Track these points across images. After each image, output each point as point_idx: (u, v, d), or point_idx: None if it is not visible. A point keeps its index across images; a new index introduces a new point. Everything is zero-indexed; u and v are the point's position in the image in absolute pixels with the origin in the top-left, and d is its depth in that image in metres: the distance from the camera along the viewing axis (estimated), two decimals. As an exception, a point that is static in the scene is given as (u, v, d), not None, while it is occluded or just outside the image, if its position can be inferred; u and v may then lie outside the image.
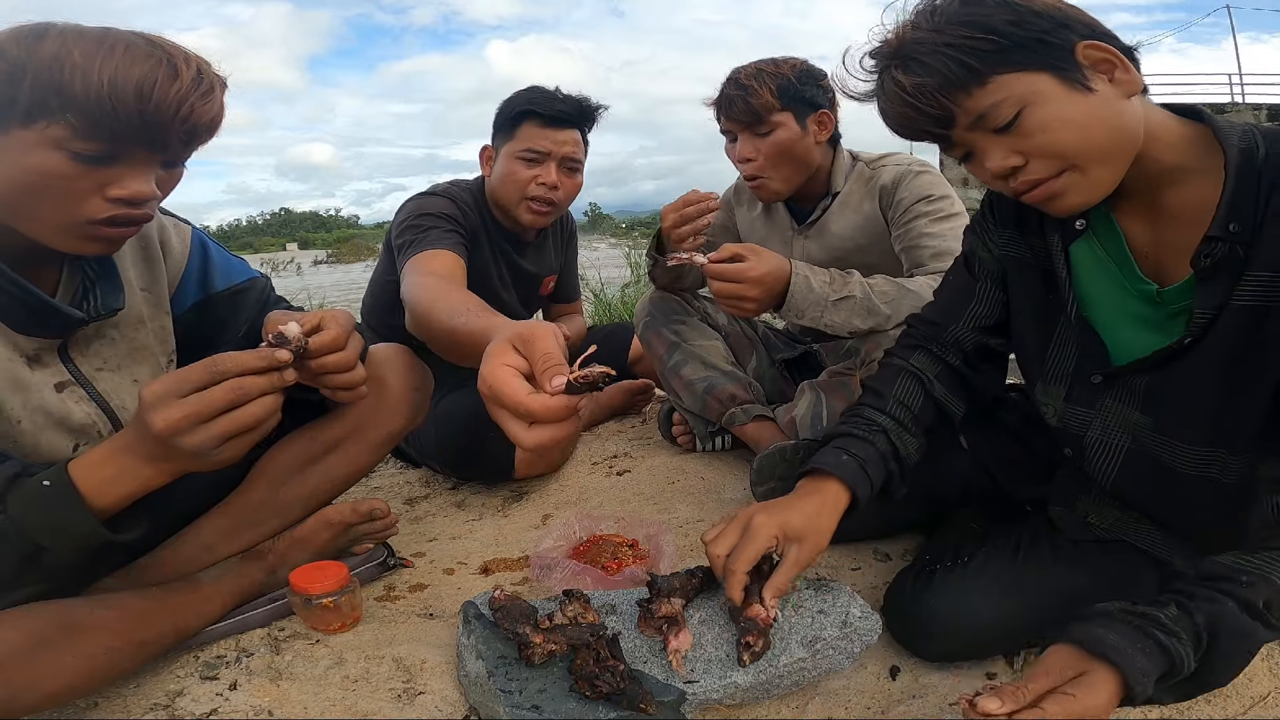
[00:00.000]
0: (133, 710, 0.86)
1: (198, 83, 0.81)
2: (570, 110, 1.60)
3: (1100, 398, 0.89)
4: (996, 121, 0.78)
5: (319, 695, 0.89)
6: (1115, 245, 0.87)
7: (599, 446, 1.82)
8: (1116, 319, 0.88)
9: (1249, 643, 0.72)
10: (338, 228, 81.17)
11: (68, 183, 0.78)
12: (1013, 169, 0.80)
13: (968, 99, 0.78)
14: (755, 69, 1.44)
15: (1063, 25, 0.77)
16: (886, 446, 0.98)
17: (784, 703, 0.89)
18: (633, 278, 4.89)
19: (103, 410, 0.92)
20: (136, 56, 0.77)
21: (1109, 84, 0.77)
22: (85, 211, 0.80)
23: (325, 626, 1.01)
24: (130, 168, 0.81)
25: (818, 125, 1.47)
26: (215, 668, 0.93)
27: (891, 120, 0.85)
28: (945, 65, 0.77)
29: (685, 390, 1.57)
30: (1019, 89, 0.77)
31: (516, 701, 0.81)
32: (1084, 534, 0.96)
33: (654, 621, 0.91)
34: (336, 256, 20.04)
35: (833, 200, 1.54)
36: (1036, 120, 0.77)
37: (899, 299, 1.32)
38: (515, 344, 0.70)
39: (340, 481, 1.10)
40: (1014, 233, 0.97)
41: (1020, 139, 0.79)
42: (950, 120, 0.81)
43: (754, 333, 1.73)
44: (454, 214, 1.57)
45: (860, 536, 1.25)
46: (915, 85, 0.79)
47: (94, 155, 0.78)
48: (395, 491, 1.65)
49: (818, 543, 0.90)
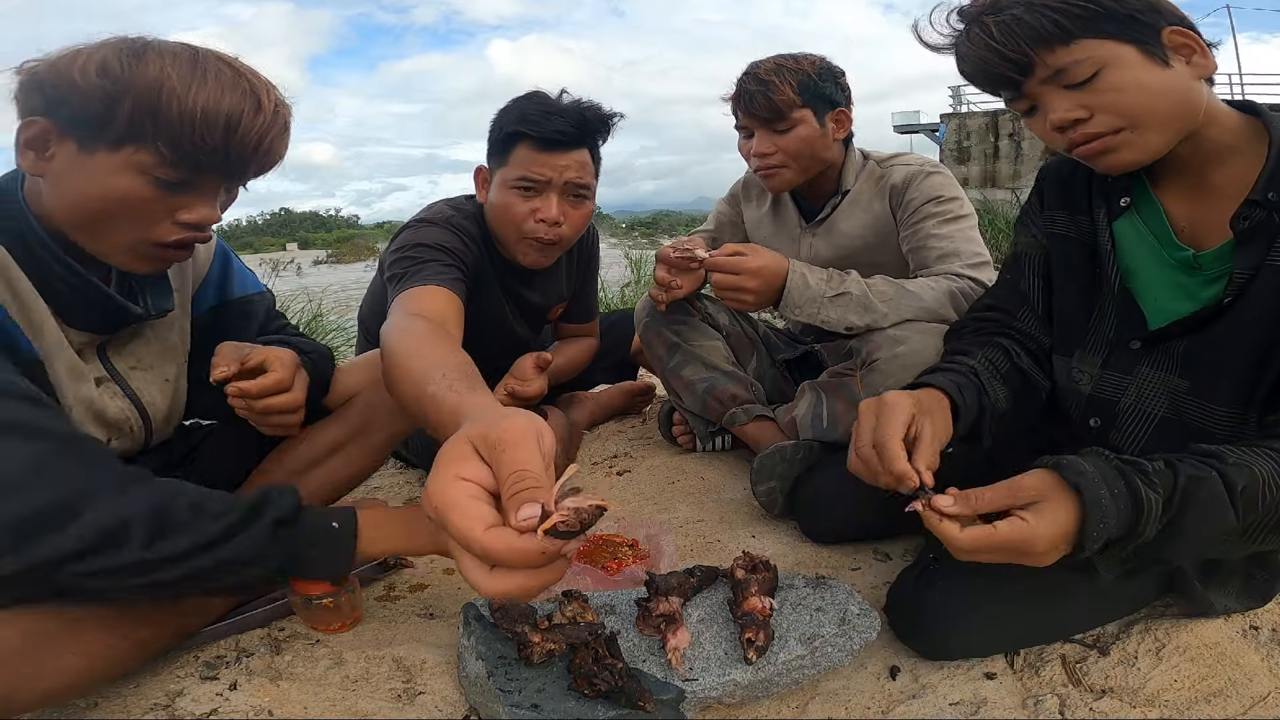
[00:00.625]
0: (132, 710, 0.86)
1: (275, 118, 0.83)
2: (570, 129, 1.35)
3: (1138, 364, 0.93)
4: (1075, 78, 0.84)
5: (319, 695, 0.89)
6: (1156, 220, 0.93)
7: (599, 446, 1.82)
8: (1155, 287, 0.93)
9: (1218, 520, 0.71)
10: (338, 228, 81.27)
11: (144, 205, 0.80)
12: (1075, 121, 0.86)
13: (1050, 54, 0.84)
14: (775, 64, 1.43)
15: (1155, 9, 0.84)
16: (977, 384, 0.97)
17: (784, 702, 0.89)
18: (633, 277, 4.89)
19: (135, 407, 0.93)
20: (225, 86, 0.79)
21: (1186, 65, 0.84)
22: (154, 234, 0.82)
23: (325, 626, 1.01)
24: (201, 194, 0.83)
25: (835, 123, 1.47)
26: (215, 668, 0.93)
27: (968, 65, 0.91)
28: (1039, 19, 0.83)
29: (686, 391, 1.57)
30: (1102, 52, 0.83)
31: (516, 701, 0.81)
32: None
33: (652, 620, 0.91)
34: (336, 257, 20.04)
35: (842, 199, 1.54)
36: (1112, 81, 0.83)
37: (896, 298, 1.32)
38: (479, 447, 0.54)
39: (342, 484, 1.11)
40: (1063, 213, 1.03)
41: (1091, 95, 0.84)
42: (1029, 69, 0.86)
43: (755, 333, 1.73)
44: (455, 246, 1.37)
45: (860, 537, 1.25)
46: (1004, 30, 0.85)
47: (174, 182, 0.80)
48: (395, 492, 1.65)
49: (946, 421, 0.90)
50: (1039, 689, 0.89)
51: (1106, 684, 0.89)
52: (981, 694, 0.88)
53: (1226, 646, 0.93)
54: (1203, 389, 0.88)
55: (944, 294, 1.33)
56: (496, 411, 0.59)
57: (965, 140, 13.25)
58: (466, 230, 1.42)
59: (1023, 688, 0.90)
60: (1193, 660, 0.91)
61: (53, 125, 0.78)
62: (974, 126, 13.37)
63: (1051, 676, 0.91)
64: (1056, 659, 0.94)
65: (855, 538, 1.25)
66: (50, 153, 0.79)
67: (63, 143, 0.79)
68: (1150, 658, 0.92)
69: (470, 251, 1.40)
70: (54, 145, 0.79)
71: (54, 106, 0.77)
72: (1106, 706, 0.85)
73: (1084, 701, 0.86)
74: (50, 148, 0.79)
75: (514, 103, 1.41)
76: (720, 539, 1.31)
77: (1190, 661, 0.91)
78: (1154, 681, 0.89)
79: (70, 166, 0.79)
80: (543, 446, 0.53)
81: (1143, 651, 0.93)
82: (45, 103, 0.77)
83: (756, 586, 0.93)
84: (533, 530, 0.48)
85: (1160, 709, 0.85)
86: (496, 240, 1.48)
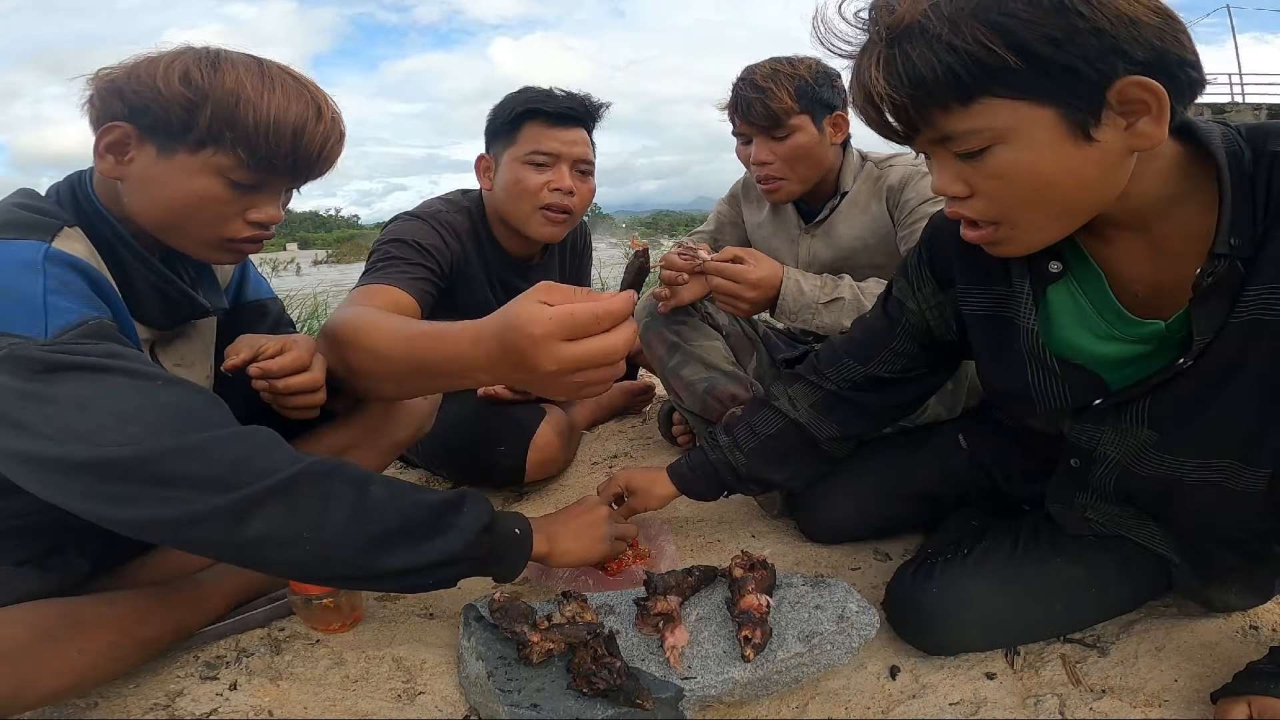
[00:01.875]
0: (133, 710, 0.86)
1: (334, 125, 0.89)
2: (576, 107, 1.46)
3: (1107, 418, 0.84)
4: (960, 148, 0.69)
5: (319, 695, 0.89)
6: (1096, 287, 0.80)
7: (599, 446, 1.82)
8: (1104, 355, 0.82)
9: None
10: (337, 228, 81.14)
11: (220, 206, 0.86)
12: (954, 197, 0.74)
13: (943, 115, 0.68)
14: (771, 69, 1.40)
15: (1119, 52, 0.62)
16: (720, 458, 1.18)
17: (784, 702, 0.89)
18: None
19: None
20: (292, 95, 0.85)
21: (1122, 131, 0.65)
22: (228, 231, 0.89)
23: (325, 626, 1.01)
24: (269, 195, 0.90)
25: (833, 127, 1.46)
26: (215, 668, 0.93)
27: (853, 104, 0.74)
28: (934, 71, 0.65)
29: (685, 391, 1.57)
30: (1003, 121, 0.66)
31: (515, 700, 0.81)
32: (1082, 529, 0.97)
33: (651, 619, 0.91)
34: (337, 256, 20.06)
35: (840, 200, 1.53)
36: (1001, 163, 0.68)
37: None
38: (540, 297, 0.71)
39: None
40: (976, 288, 0.90)
41: (975, 173, 0.70)
42: (912, 129, 0.71)
43: (755, 333, 1.73)
44: (432, 243, 1.40)
45: (860, 537, 1.25)
46: (889, 87, 0.68)
47: (247, 184, 0.86)
48: (395, 491, 1.65)
49: (647, 499, 1.21)
50: (1039, 689, 0.89)
51: (1106, 684, 0.89)
52: (981, 694, 0.88)
53: (1226, 646, 0.93)
54: (1171, 443, 0.80)
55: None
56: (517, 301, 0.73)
57: (965, 140, 13.20)
58: (453, 226, 1.47)
59: (1023, 687, 0.90)
60: (1193, 660, 0.91)
61: (134, 130, 0.83)
62: (974, 126, 13.33)
63: (1051, 676, 0.91)
64: (1056, 659, 0.94)
65: (855, 537, 1.25)
66: (130, 156, 0.84)
67: (143, 147, 0.84)
68: (1150, 658, 0.92)
69: (449, 248, 1.44)
70: (134, 149, 0.84)
71: (136, 113, 0.82)
72: (1106, 706, 0.85)
73: (1084, 701, 0.86)
74: (130, 151, 0.84)
75: (516, 92, 1.49)
76: (720, 539, 1.31)
77: (1190, 661, 0.91)
78: (1154, 681, 0.89)
79: (150, 169, 0.84)
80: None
81: (1143, 651, 0.93)
82: (127, 109, 0.82)
83: (754, 585, 0.93)
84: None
85: (1160, 709, 0.85)
86: (501, 224, 1.53)
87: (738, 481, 1.18)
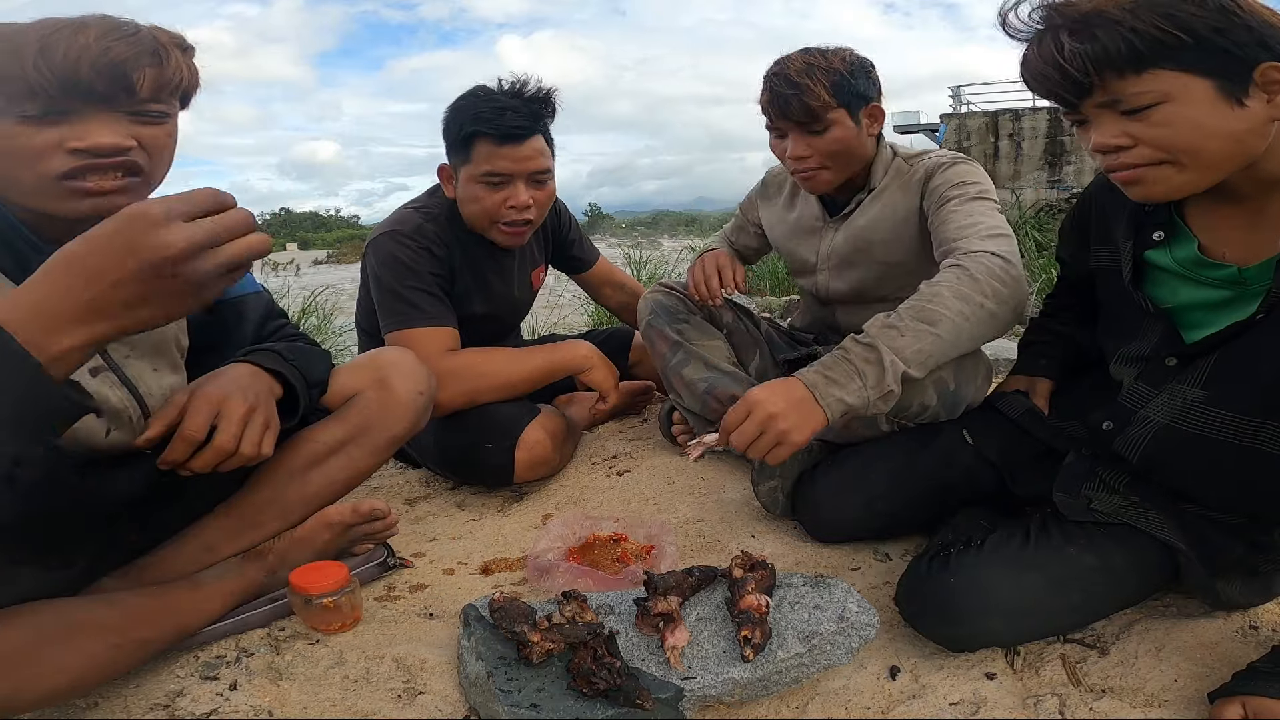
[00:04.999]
0: (133, 710, 0.86)
1: (115, 28, 0.83)
2: (523, 121, 1.46)
3: (1169, 380, 0.93)
4: (1129, 105, 0.80)
5: (319, 695, 0.89)
6: (1187, 250, 0.92)
7: (599, 446, 1.82)
8: (1183, 300, 0.94)
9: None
10: (338, 228, 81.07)
11: (21, 142, 0.81)
12: (1116, 149, 0.83)
13: (1117, 80, 0.80)
14: (805, 64, 1.38)
15: (1262, 44, 0.77)
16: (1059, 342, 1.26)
17: (784, 702, 0.89)
18: (632, 276, 4.89)
19: (132, 395, 0.93)
20: (65, 22, 0.82)
21: (1265, 104, 0.79)
22: (51, 167, 0.83)
23: (325, 626, 1.01)
24: (87, 121, 0.83)
25: (870, 119, 1.44)
26: (215, 668, 0.93)
27: (1029, 72, 0.87)
28: (1117, 44, 0.78)
29: (686, 390, 1.57)
30: (1169, 85, 0.78)
31: (515, 700, 0.81)
32: (1088, 518, 0.98)
33: (651, 619, 0.91)
34: (337, 257, 20.05)
35: (869, 195, 1.51)
36: (1167, 115, 0.79)
37: (943, 328, 1.09)
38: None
39: (342, 484, 1.10)
40: (1105, 247, 1.04)
41: (1141, 124, 0.81)
42: (1087, 92, 0.83)
43: (758, 332, 1.73)
44: (433, 268, 1.54)
45: (865, 535, 1.25)
46: (1074, 52, 0.80)
47: (33, 113, 0.81)
48: (395, 492, 1.65)
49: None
50: (1039, 689, 0.89)
51: (1106, 684, 0.89)
52: (981, 694, 0.88)
53: (1226, 646, 0.93)
54: (1219, 398, 0.87)
55: (970, 287, 1.12)
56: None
57: (965, 140, 13.22)
58: (438, 237, 1.57)
59: (1023, 688, 0.90)
60: (1193, 660, 0.91)
61: None
62: (974, 126, 13.35)
63: (1051, 676, 0.91)
64: (1056, 659, 0.94)
65: (859, 536, 1.25)
66: None
67: None
68: (1150, 658, 0.92)
69: (444, 263, 1.57)
70: None
71: None
72: (1106, 706, 0.85)
73: (1084, 701, 0.86)
74: None
75: (465, 102, 1.50)
76: (720, 539, 1.31)
77: (1190, 661, 0.91)
78: (1154, 681, 0.89)
79: None
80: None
81: (1143, 651, 0.93)
82: None
83: (754, 585, 0.93)
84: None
85: (1160, 709, 0.85)
86: (471, 225, 1.60)
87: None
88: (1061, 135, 12.28)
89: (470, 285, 1.64)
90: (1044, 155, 12.49)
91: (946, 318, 1.09)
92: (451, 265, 1.60)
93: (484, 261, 1.66)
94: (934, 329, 1.08)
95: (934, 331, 1.08)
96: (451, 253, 1.59)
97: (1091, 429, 1.02)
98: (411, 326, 1.50)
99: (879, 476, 1.21)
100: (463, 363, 1.51)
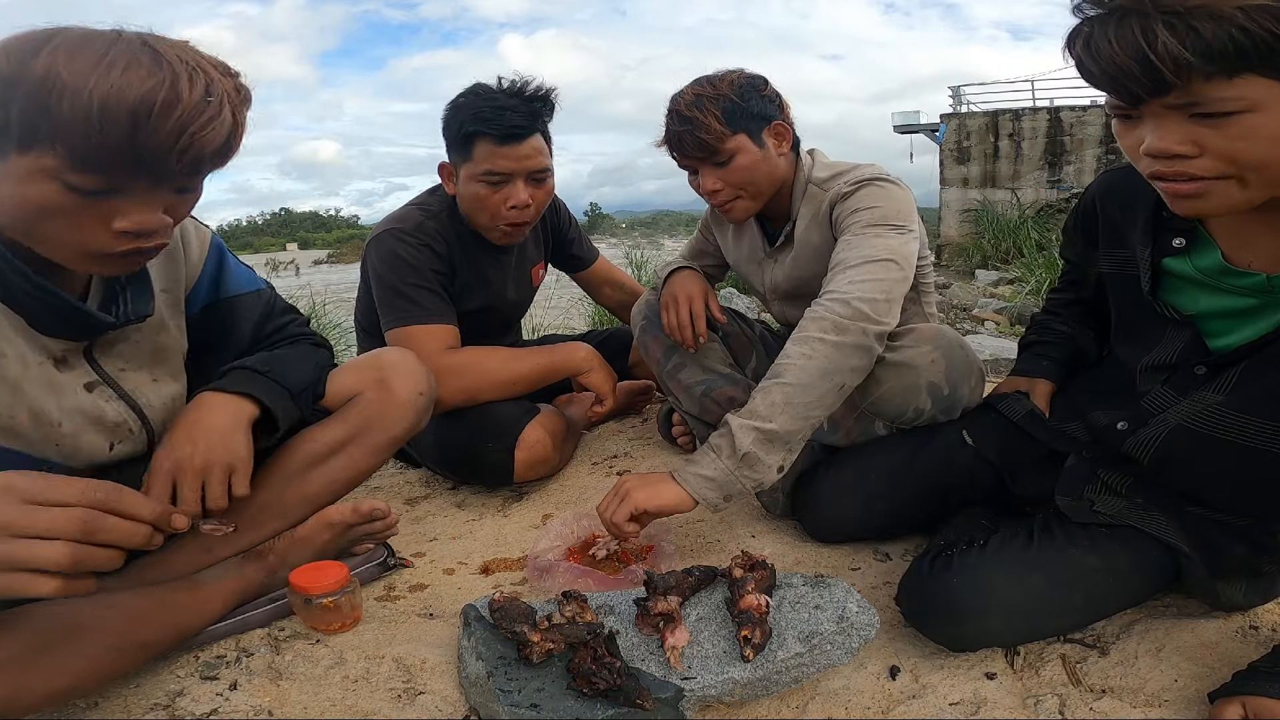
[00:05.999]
0: (133, 710, 0.87)
1: (203, 107, 0.72)
2: (523, 120, 1.47)
3: (1196, 388, 0.92)
4: (1209, 109, 0.72)
5: (319, 695, 0.89)
6: (1210, 259, 0.89)
7: (599, 446, 1.82)
8: (1206, 307, 0.92)
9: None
10: (338, 228, 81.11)
11: (67, 215, 0.73)
12: (1175, 156, 0.75)
13: (1203, 84, 0.71)
14: (695, 96, 1.33)
15: None
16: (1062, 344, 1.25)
17: (784, 702, 0.89)
18: (632, 276, 4.88)
19: (131, 408, 0.93)
20: (135, 75, 0.69)
21: None
22: (94, 243, 0.76)
23: (325, 626, 1.01)
24: (133, 199, 0.75)
25: (775, 138, 1.38)
26: (215, 668, 0.93)
27: (1099, 60, 0.75)
28: (1221, 42, 0.68)
29: (684, 394, 1.57)
30: (1259, 94, 0.71)
31: (515, 700, 0.81)
32: (1091, 519, 0.97)
33: (651, 619, 0.91)
34: (337, 256, 20.06)
35: (792, 226, 1.47)
36: (1248, 126, 0.72)
37: (787, 404, 1.12)
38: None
39: (342, 484, 1.10)
40: (1118, 250, 1.02)
41: (1212, 133, 0.73)
42: (1164, 90, 0.73)
43: (753, 333, 1.73)
44: (434, 265, 1.56)
45: (865, 535, 1.25)
46: (1168, 44, 0.70)
47: (91, 189, 0.72)
48: (396, 492, 1.65)
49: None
50: (1039, 689, 0.89)
51: (1106, 684, 0.89)
52: (981, 694, 0.88)
53: (1226, 646, 0.93)
54: (1241, 402, 0.86)
55: (809, 329, 1.15)
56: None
57: (965, 140, 13.22)
58: (441, 236, 1.59)
59: (1023, 687, 0.90)
60: (1193, 660, 0.91)
61: None
62: (974, 126, 13.34)
63: (1051, 676, 0.91)
64: (1056, 659, 0.94)
65: (860, 536, 1.25)
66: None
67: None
68: (1150, 658, 0.92)
69: (445, 260, 1.59)
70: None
71: None
72: (1106, 706, 0.85)
73: (1084, 701, 0.86)
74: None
75: (465, 100, 1.51)
76: (720, 539, 1.31)
77: (1190, 661, 0.91)
78: (1154, 681, 0.89)
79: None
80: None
81: (1143, 651, 0.93)
82: None
83: (753, 585, 0.93)
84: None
85: (1160, 709, 0.85)
86: (471, 222, 1.62)
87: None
88: (1061, 135, 12.27)
89: (470, 282, 1.65)
90: (1044, 155, 12.47)
91: (790, 365, 1.13)
92: (452, 262, 1.61)
93: (484, 258, 1.67)
94: (781, 379, 1.13)
95: (781, 381, 1.12)
96: (452, 250, 1.61)
97: (1098, 430, 1.02)
98: (412, 323, 1.51)
99: (879, 477, 1.21)
100: (462, 360, 1.52)
